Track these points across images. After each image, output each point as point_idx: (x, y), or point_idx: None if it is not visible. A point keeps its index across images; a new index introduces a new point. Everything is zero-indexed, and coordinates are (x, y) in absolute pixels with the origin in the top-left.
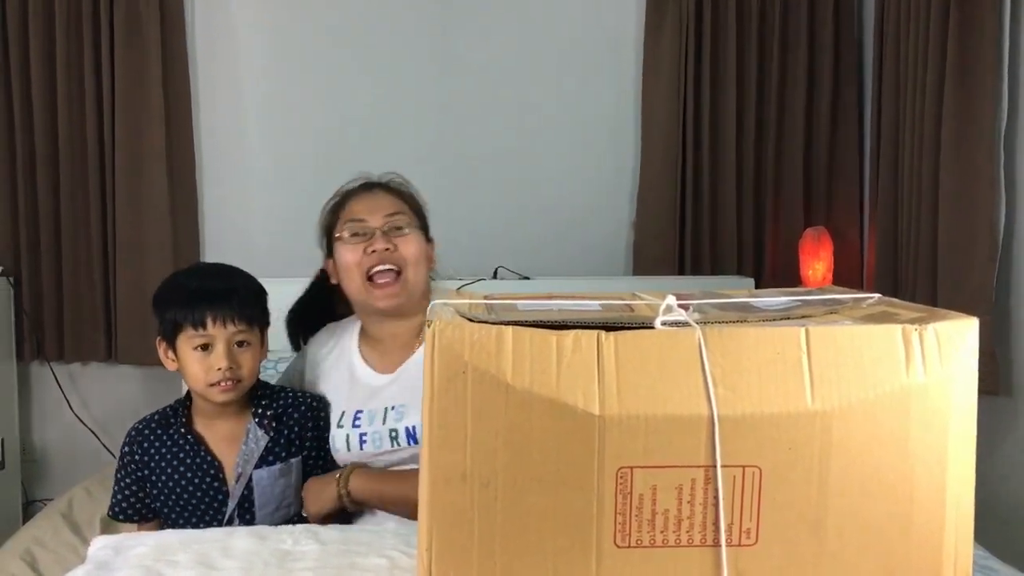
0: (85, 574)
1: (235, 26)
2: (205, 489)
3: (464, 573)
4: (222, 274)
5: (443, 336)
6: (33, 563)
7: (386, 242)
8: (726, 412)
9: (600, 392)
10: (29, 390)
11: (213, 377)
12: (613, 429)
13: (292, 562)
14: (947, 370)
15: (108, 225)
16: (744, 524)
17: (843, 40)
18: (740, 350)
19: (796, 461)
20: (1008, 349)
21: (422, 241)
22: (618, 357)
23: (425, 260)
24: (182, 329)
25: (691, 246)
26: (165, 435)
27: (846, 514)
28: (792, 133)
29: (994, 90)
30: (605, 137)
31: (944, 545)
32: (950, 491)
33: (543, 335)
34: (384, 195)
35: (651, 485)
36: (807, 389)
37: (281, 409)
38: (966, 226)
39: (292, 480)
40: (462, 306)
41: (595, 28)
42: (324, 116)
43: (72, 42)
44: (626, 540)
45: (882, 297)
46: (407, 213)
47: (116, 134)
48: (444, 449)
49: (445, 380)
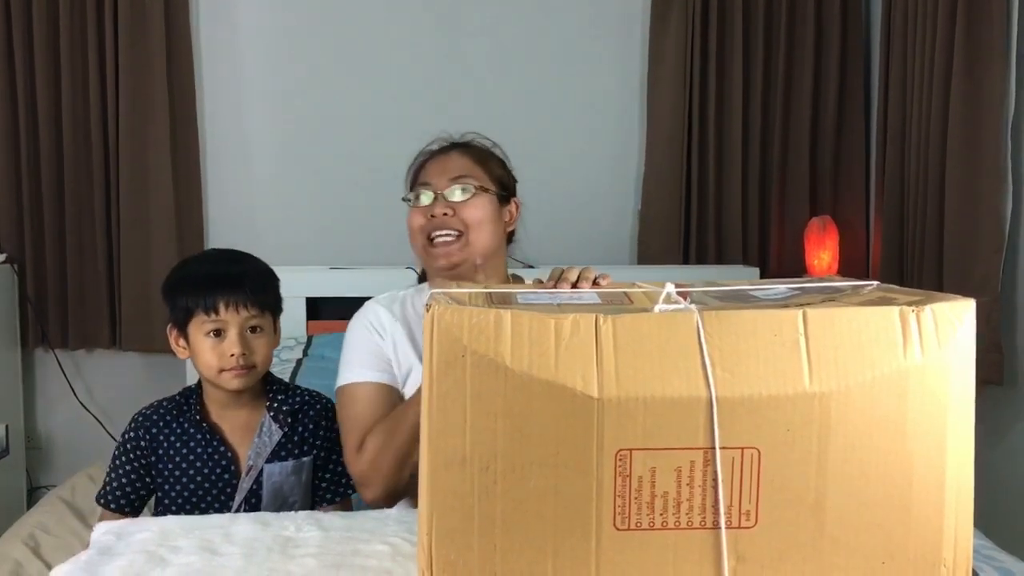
0: (88, 559)
1: (239, 14)
2: (214, 480)
3: (464, 556)
4: (234, 259)
5: (442, 320)
6: (36, 548)
7: (445, 206)
8: (725, 394)
9: (599, 375)
10: (33, 377)
11: (227, 363)
12: (612, 411)
13: (294, 548)
14: (945, 351)
15: (112, 212)
16: (743, 506)
17: (850, 29)
18: (738, 332)
19: (795, 442)
20: (1013, 339)
21: (489, 204)
22: (616, 340)
23: (493, 223)
24: (194, 315)
25: (696, 235)
26: (176, 424)
27: (845, 495)
28: (798, 122)
29: (1002, 80)
30: (610, 126)
31: (944, 526)
32: (949, 472)
33: (541, 318)
34: (458, 156)
35: (650, 467)
36: (805, 371)
37: (297, 406)
38: (972, 217)
39: (303, 479)
40: (461, 296)
41: (601, 15)
42: (328, 104)
43: (76, 30)
44: (626, 523)
45: (881, 284)
46: (476, 176)
47: (120, 122)
48: (444, 434)
49: (444, 364)
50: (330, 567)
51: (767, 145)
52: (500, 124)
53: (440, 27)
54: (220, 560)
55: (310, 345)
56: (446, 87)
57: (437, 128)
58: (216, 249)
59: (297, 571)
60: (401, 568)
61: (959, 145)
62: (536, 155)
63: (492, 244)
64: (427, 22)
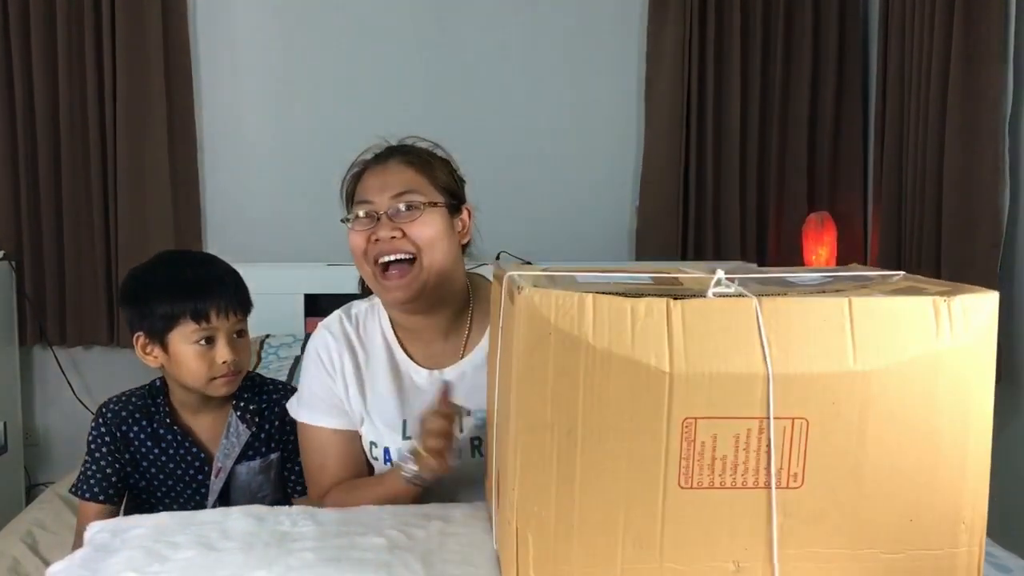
0: (84, 556)
1: (236, 10)
2: (188, 482)
3: (546, 510)
4: (209, 262)
5: (531, 302)
6: (34, 545)
7: (391, 228)
8: (779, 371)
9: (670, 352)
10: (31, 374)
11: (218, 371)
12: (680, 385)
13: (292, 542)
14: (971, 337)
15: (110, 209)
16: (792, 469)
17: (848, 24)
18: (791, 317)
19: (839, 414)
20: (1011, 335)
21: (440, 219)
22: (685, 322)
23: (446, 238)
24: (178, 323)
25: (694, 231)
26: (146, 423)
27: (880, 461)
28: (796, 117)
29: (999, 75)
30: (609, 122)
31: (964, 489)
32: (970, 443)
33: (619, 302)
34: (398, 167)
35: (712, 434)
36: (850, 352)
37: (264, 404)
38: (970, 212)
39: (271, 476)
40: (536, 277)
41: (599, 11)
42: (327, 100)
43: (74, 26)
44: (689, 482)
45: (907, 274)
46: (421, 188)
47: (118, 118)
48: (530, 402)
49: (533, 340)
50: (329, 560)
51: (765, 140)
52: (499, 122)
53: (437, 25)
54: (219, 555)
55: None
56: (443, 84)
57: (436, 125)
58: (175, 252)
59: (296, 564)
60: (399, 560)
61: (957, 141)
62: (535, 152)
63: (448, 262)
64: (424, 20)
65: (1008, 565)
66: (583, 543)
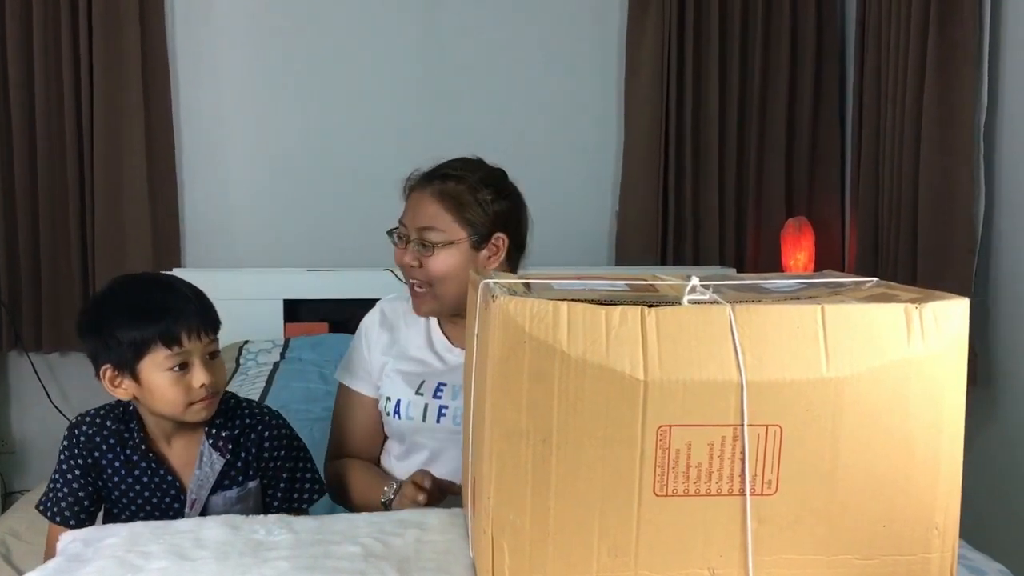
0: (57, 567)
1: (215, 15)
2: (164, 510)
3: (520, 516)
4: (171, 283)
5: (506, 310)
6: (8, 555)
7: (412, 257)
8: (753, 378)
9: (644, 360)
10: (7, 380)
11: (195, 396)
12: (655, 392)
13: (266, 551)
14: (942, 343)
15: (87, 214)
16: (766, 476)
17: (825, 32)
18: (765, 324)
19: (812, 421)
20: (986, 340)
21: (457, 255)
22: (659, 329)
23: (462, 272)
24: (149, 351)
25: (673, 236)
26: (123, 454)
27: (854, 467)
28: (774, 124)
29: (973, 81)
30: (588, 127)
31: (937, 494)
32: (943, 448)
33: (594, 310)
34: (429, 200)
35: (687, 441)
36: (823, 358)
37: (239, 430)
38: (946, 218)
39: (250, 504)
40: (512, 285)
41: (578, 17)
42: (306, 106)
43: (50, 31)
44: (664, 489)
45: (880, 281)
46: (444, 226)
47: (95, 124)
48: (505, 410)
49: (508, 348)
50: (304, 569)
51: (744, 146)
52: (478, 126)
53: (418, 30)
54: (192, 564)
55: (287, 348)
56: (424, 90)
57: (416, 131)
58: (131, 275)
59: (271, 574)
60: (374, 568)
61: (932, 147)
62: (514, 156)
63: (462, 292)
64: (405, 25)
65: (983, 568)
66: (558, 551)
